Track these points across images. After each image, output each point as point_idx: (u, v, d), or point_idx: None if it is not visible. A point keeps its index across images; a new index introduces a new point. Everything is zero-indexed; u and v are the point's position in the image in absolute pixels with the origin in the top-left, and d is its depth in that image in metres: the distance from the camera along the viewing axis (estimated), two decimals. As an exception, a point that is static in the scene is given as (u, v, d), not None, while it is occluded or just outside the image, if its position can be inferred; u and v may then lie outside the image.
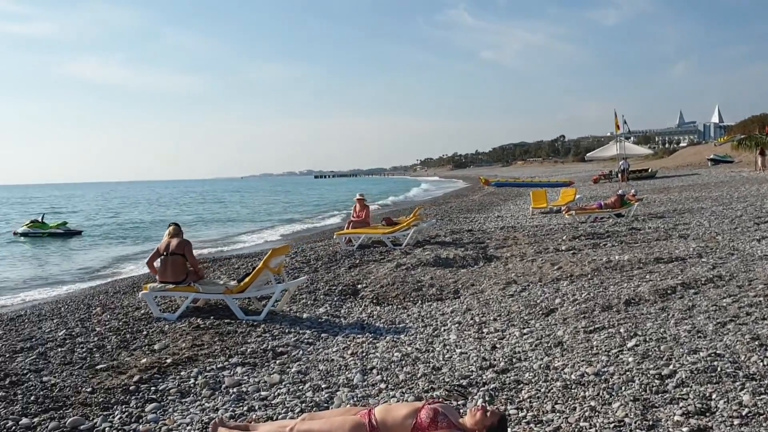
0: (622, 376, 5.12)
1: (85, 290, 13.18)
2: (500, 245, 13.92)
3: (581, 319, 7.17)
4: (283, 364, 6.27)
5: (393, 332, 7.54)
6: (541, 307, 7.94)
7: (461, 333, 7.21)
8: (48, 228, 29.25)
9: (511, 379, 5.35)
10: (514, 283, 9.63)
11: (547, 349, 6.18)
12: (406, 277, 10.53)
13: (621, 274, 9.60)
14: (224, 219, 39.42)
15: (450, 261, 11.96)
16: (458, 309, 8.45)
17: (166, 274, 8.51)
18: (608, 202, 18.76)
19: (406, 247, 13.97)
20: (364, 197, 15.82)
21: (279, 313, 8.59)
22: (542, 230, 16.50)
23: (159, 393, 5.46)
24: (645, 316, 6.99)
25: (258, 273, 8.18)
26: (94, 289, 13.24)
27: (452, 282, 10.06)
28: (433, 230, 17.62)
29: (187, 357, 6.40)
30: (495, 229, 17.70)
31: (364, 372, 5.91)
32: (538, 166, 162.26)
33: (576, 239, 14.07)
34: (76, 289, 13.83)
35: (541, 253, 12.52)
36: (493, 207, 29.07)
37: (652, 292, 7.99)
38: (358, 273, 11.36)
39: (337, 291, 9.97)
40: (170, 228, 8.88)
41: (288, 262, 12.82)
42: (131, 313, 8.72)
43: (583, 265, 10.43)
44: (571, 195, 24.62)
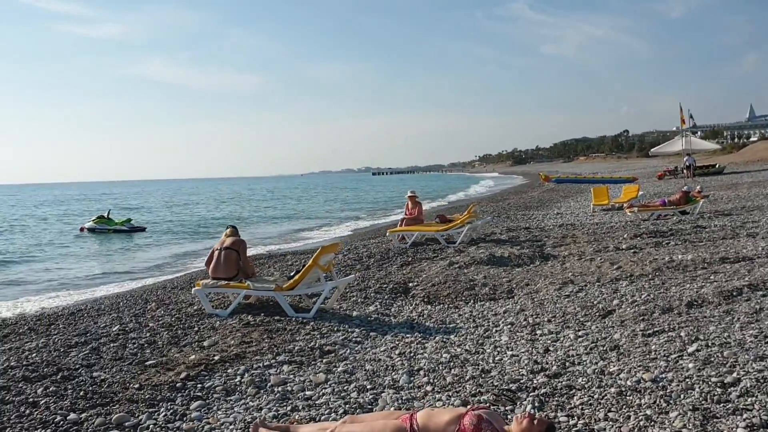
0: (681, 383, 4.84)
1: (146, 286, 13.41)
2: (558, 243, 13.57)
3: (640, 321, 6.87)
4: (329, 363, 6.20)
5: (443, 332, 7.39)
6: (598, 308, 7.65)
7: (513, 334, 7.00)
8: (113, 224, 30.04)
9: (563, 384, 5.13)
10: (570, 283, 9.34)
11: (602, 353, 5.93)
12: (458, 275, 10.34)
13: (684, 275, 9.20)
14: (287, 216, 39.78)
15: (504, 259, 11.71)
16: (511, 309, 8.24)
17: (218, 270, 8.57)
18: (672, 199, 18.11)
19: (460, 245, 13.76)
20: (415, 194, 15.66)
21: (329, 310, 8.54)
22: (602, 228, 16.03)
23: (205, 390, 5.45)
24: (708, 320, 6.64)
25: (307, 270, 8.15)
26: (154, 285, 13.46)
27: (506, 281, 9.83)
28: (489, 228, 17.34)
29: (234, 354, 6.39)
30: (553, 226, 17.31)
31: (411, 373, 5.78)
32: (600, 162, 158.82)
33: (637, 237, 13.61)
34: (136, 286, 14.10)
35: (601, 251, 12.14)
36: (552, 204, 28.51)
37: (716, 294, 7.60)
38: (409, 271, 11.23)
39: (387, 289, 9.86)
40: (228, 230, 9.00)
41: (340, 259, 12.79)
42: (184, 309, 8.81)
43: (643, 264, 10.05)
44: (633, 192, 23.94)
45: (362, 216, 36.49)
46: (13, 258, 20.98)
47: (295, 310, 8.32)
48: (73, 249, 23.57)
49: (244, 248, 8.71)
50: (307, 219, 36.12)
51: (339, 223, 32.06)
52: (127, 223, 30.79)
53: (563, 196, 33.60)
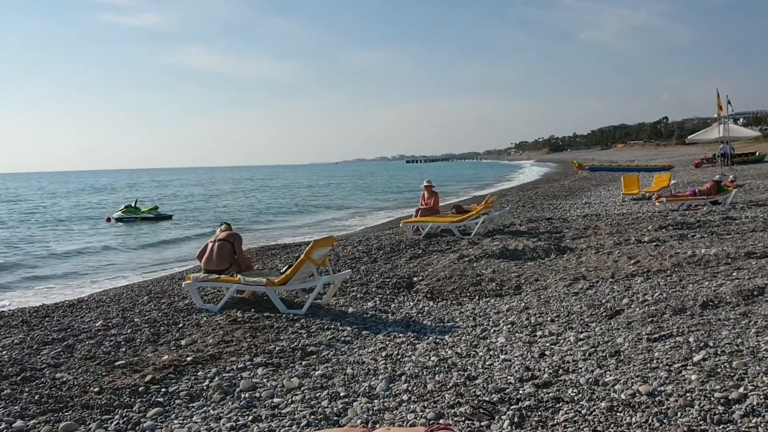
0: (680, 399, 4.33)
1: (159, 278, 13.16)
2: (578, 235, 12.99)
3: (648, 323, 6.34)
4: (309, 365, 5.81)
5: (438, 332, 6.95)
6: (606, 307, 7.12)
7: (511, 335, 6.53)
8: (140, 213, 30.20)
9: (550, 396, 4.66)
10: (582, 278, 8.80)
11: (600, 359, 5.43)
12: (465, 270, 9.87)
13: (704, 271, 8.60)
14: (319, 205, 39.48)
15: (518, 253, 11.19)
16: (515, 307, 7.76)
17: (211, 262, 8.26)
18: (703, 189, 17.32)
19: (475, 237, 13.25)
20: (432, 184, 15.16)
21: (324, 306, 8.17)
22: (628, 219, 15.37)
23: (168, 396, 5.11)
24: (722, 323, 6.08)
25: (299, 265, 7.76)
26: (164, 277, 13.24)
27: (515, 276, 9.33)
28: (508, 218, 16.78)
29: (209, 355, 6.04)
30: (577, 217, 16.68)
31: (392, 379, 5.36)
32: (638, 150, 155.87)
33: (662, 229, 12.95)
34: (152, 277, 13.90)
35: (621, 244, 11.54)
36: (582, 193, 27.76)
37: (735, 293, 7.01)
38: (417, 264, 10.79)
39: (390, 284, 9.45)
40: (222, 225, 8.74)
41: (349, 251, 12.41)
42: (176, 304, 8.51)
43: (663, 259, 9.46)
44: (665, 180, 23.08)
45: (389, 206, 36.07)
46: (38, 247, 21.11)
47: (288, 306, 7.97)
48: (102, 238, 23.55)
49: (239, 241, 8.39)
50: (340, 209, 35.75)
51: (372, 212, 31.68)
52: (154, 211, 30.92)
53: (594, 185, 32.76)
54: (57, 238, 24.16)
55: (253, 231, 24.12)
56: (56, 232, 26.71)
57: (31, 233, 25.98)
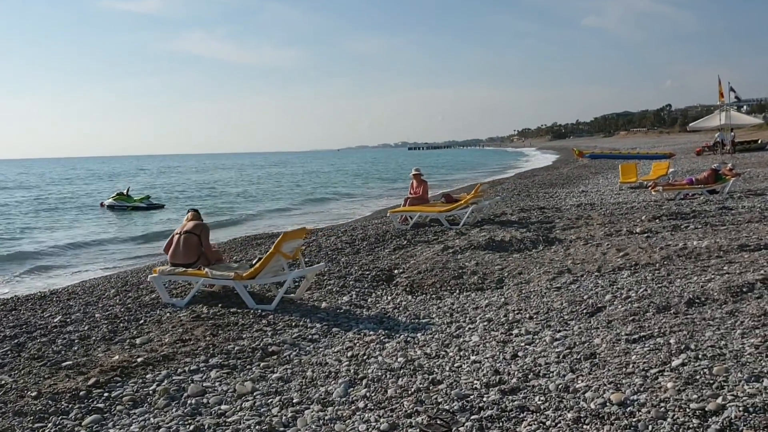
0: (654, 410, 3.98)
1: (138, 269, 12.84)
2: (569, 226, 12.62)
3: (629, 322, 5.99)
4: (267, 367, 5.48)
5: (411, 329, 6.62)
6: (588, 304, 6.77)
7: (486, 334, 6.20)
8: (132, 201, 29.80)
9: (515, 405, 4.31)
10: (567, 272, 8.45)
11: (574, 362, 5.09)
12: (448, 262, 9.52)
13: (694, 264, 8.24)
14: (317, 192, 39.13)
15: (505, 244, 10.83)
16: (495, 302, 7.42)
17: (177, 255, 7.92)
18: (700, 178, 16.91)
19: (463, 227, 12.89)
20: (420, 172, 14.77)
21: (297, 301, 7.84)
22: (622, 208, 14.99)
23: (110, 401, 4.77)
24: (706, 322, 5.73)
25: (269, 258, 7.42)
26: (143, 267, 12.92)
27: (498, 269, 8.98)
28: (500, 208, 16.41)
29: (163, 355, 5.70)
30: (571, 206, 16.31)
31: (352, 383, 5.03)
32: (641, 137, 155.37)
33: (656, 220, 12.58)
34: (134, 267, 13.59)
35: (612, 235, 11.18)
36: (580, 181, 27.36)
37: (723, 290, 6.65)
38: (399, 256, 10.45)
39: (370, 277, 9.11)
40: (189, 213, 8.34)
41: (332, 242, 12.07)
42: (142, 297, 8.18)
43: (652, 251, 9.09)
44: (663, 169, 22.70)
45: (387, 193, 35.71)
46: (30, 234, 20.85)
47: (259, 301, 7.64)
48: (90, 227, 23.22)
49: (206, 233, 8.03)
50: (338, 197, 35.39)
51: (369, 200, 31.32)
52: (146, 201, 30.53)
53: (593, 173, 32.33)
54: (47, 225, 23.86)
55: (243, 220, 23.78)
56: (47, 219, 26.41)
57: (23, 221, 25.64)
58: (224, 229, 20.25)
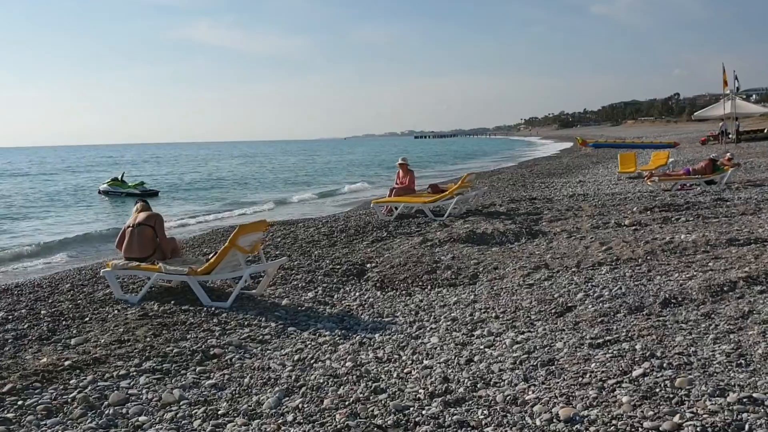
0: (603, 428, 3.59)
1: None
2: (557, 217, 12.19)
3: (596, 324, 5.59)
4: (204, 372, 5.10)
5: (371, 329, 6.24)
6: (557, 303, 6.37)
7: (448, 335, 5.81)
8: (126, 187, 29.59)
9: (455, 420, 3.92)
10: (544, 267, 8.04)
11: (530, 369, 4.69)
12: (424, 255, 9.11)
13: (678, 260, 7.82)
14: (314, 181, 38.72)
15: (486, 237, 10.41)
16: (464, 299, 7.03)
17: (131, 249, 7.54)
18: (697, 168, 16.42)
19: (447, 219, 12.48)
20: (407, 161, 14.34)
21: (257, 298, 7.45)
22: (615, 199, 14.55)
23: (22, 410, 4.40)
24: (679, 325, 5.32)
25: (224, 253, 7.02)
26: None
27: (474, 264, 8.58)
28: (489, 198, 15.98)
29: (95, 358, 5.33)
30: (564, 197, 15.86)
31: (289, 391, 4.64)
32: (648, 126, 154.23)
33: (647, 211, 12.14)
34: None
35: (599, 228, 10.76)
36: (579, 170, 26.89)
37: (702, 289, 6.24)
38: (375, 249, 10.05)
39: (340, 271, 8.72)
40: (138, 205, 7.91)
41: (310, 233, 11.68)
42: (96, 293, 7.79)
43: (636, 246, 8.67)
44: (663, 158, 22.20)
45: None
46: (19, 222, 20.61)
47: (217, 298, 7.26)
48: (81, 216, 22.90)
49: (161, 223, 7.64)
50: (334, 185, 34.97)
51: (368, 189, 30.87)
52: (140, 187, 30.29)
53: (595, 162, 31.85)
54: (39, 213, 23.60)
55: (235, 207, 23.39)
56: (42, 207, 26.17)
57: (17, 209, 25.34)
58: (216, 221, 19.85)
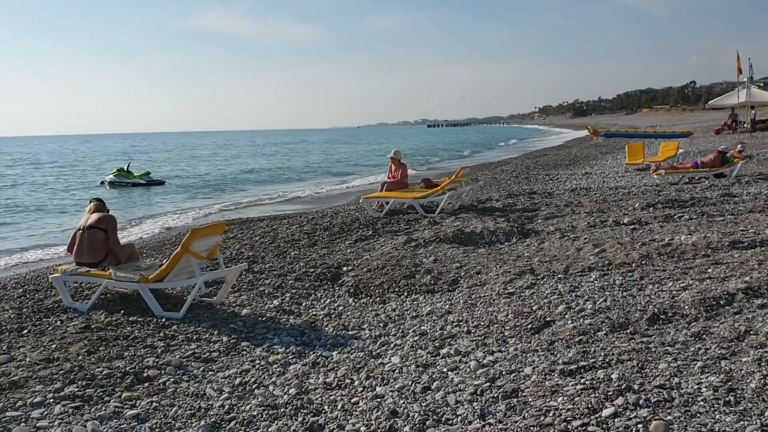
0: (556, 488, 3.02)
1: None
2: (553, 214, 11.56)
3: (573, 344, 4.99)
4: (130, 399, 4.56)
5: (330, 345, 5.70)
6: (536, 317, 5.77)
7: (411, 353, 5.26)
8: (132, 177, 29.27)
9: (390, 470, 3.37)
10: (530, 273, 7.43)
11: (489, 402, 4.11)
12: (404, 258, 8.53)
13: (675, 265, 7.19)
14: (323, 171, 38.09)
15: (474, 236, 9.81)
16: (438, 310, 6.46)
17: (81, 253, 7.02)
18: (706, 160, 15.66)
19: (438, 216, 11.88)
20: (399, 156, 13.72)
21: (216, 307, 6.92)
22: (618, 194, 13.88)
23: None
24: (665, 348, 4.70)
25: (176, 259, 6.47)
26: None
27: (456, 267, 7.98)
28: (486, 192, 15.35)
29: (12, 381, 4.79)
30: (565, 191, 15.20)
31: (215, 427, 4.10)
32: (664, 114, 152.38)
33: (650, 208, 11.49)
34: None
35: (596, 226, 10.13)
36: (587, 162, 26.12)
37: (696, 302, 5.61)
38: (355, 250, 9.47)
39: (313, 275, 8.17)
40: (91, 204, 7.36)
41: (291, 232, 11.11)
42: (46, 300, 7.27)
43: (632, 248, 8.04)
44: (672, 149, 21.38)
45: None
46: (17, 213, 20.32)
47: (173, 307, 6.73)
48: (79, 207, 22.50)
49: (114, 225, 7.08)
50: (342, 175, 34.35)
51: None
52: (146, 177, 29.97)
53: (604, 153, 31.02)
54: (38, 205, 23.28)
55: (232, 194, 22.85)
56: (42, 197, 25.90)
57: (17, 200, 24.98)
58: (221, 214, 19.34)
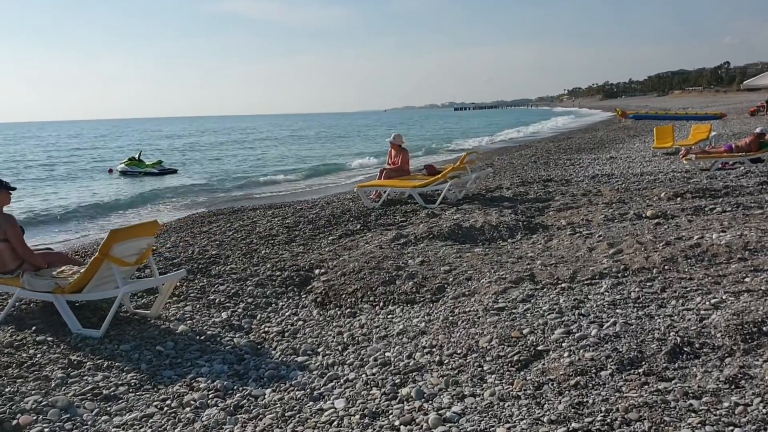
0: None
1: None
2: (567, 205, 10.27)
3: (567, 390, 3.79)
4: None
5: (267, 379, 4.59)
6: (526, 344, 4.56)
7: (361, 395, 4.11)
8: (144, 166, 28.47)
9: None
10: (528, 279, 6.20)
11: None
12: (387, 258, 7.34)
13: (705, 272, 5.91)
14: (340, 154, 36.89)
15: (473, 232, 8.59)
16: (411, 328, 5.30)
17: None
18: (741, 144, 14.18)
19: (438, 207, 10.66)
20: (399, 141, 12.45)
21: (150, 321, 5.83)
22: (643, 181, 12.53)
23: None
24: (687, 403, 3.47)
25: (94, 267, 5.36)
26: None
27: (444, 272, 6.77)
28: (497, 180, 14.06)
29: None
30: (584, 178, 13.86)
31: None
32: (696, 96, 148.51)
33: (677, 198, 10.16)
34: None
35: (614, 220, 8.85)
36: (613, 145, 24.64)
37: (732, 328, 4.35)
38: (337, 248, 8.32)
39: (279, 279, 7.05)
40: None
41: (271, 225, 9.97)
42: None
43: (654, 248, 6.76)
44: (704, 132, 19.91)
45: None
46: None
47: (99, 321, 5.65)
48: (82, 195, 21.65)
49: (16, 232, 5.86)
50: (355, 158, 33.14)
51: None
52: (158, 166, 29.11)
53: (631, 136, 29.44)
54: (46, 191, 22.61)
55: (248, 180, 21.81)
56: (52, 184, 25.29)
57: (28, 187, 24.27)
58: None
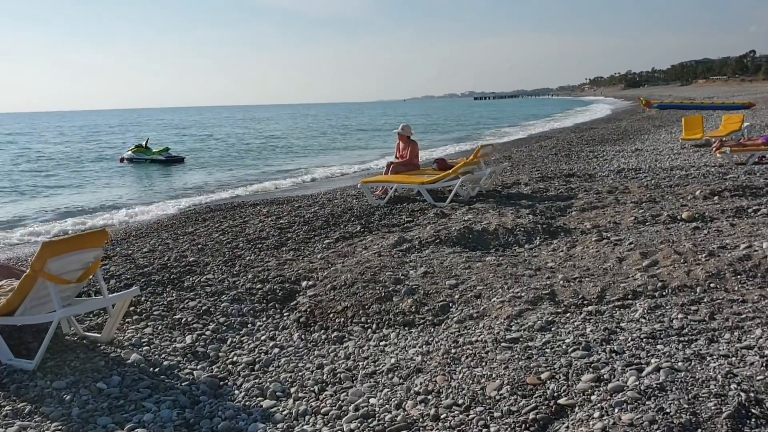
0: None
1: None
2: (592, 204, 9.27)
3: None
4: None
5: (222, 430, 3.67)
6: (544, 394, 3.60)
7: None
8: (151, 154, 27.90)
9: None
10: (548, 299, 5.24)
11: None
12: (384, 269, 6.40)
13: (759, 293, 4.91)
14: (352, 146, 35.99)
15: (486, 237, 7.62)
16: (404, 364, 4.38)
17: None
18: (782, 136, 13.09)
19: (449, 205, 9.69)
20: (408, 132, 11.46)
21: (102, 346, 4.95)
22: (674, 176, 11.48)
23: None
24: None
25: (26, 286, 4.48)
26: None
27: (449, 287, 5.83)
28: (514, 175, 13.05)
29: None
30: (610, 172, 12.82)
31: None
32: (721, 85, 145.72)
33: (714, 197, 9.12)
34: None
35: (646, 223, 7.85)
36: (638, 136, 23.47)
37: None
38: (330, 254, 7.40)
39: (260, 293, 6.14)
40: None
41: (261, 226, 9.06)
42: None
43: (695, 260, 5.78)
44: (736, 123, 18.69)
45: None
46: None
47: (38, 347, 4.79)
48: (87, 186, 20.96)
49: None
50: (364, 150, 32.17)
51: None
52: (165, 153, 28.44)
53: (657, 126, 28.22)
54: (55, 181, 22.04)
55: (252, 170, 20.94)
56: (60, 173, 24.73)
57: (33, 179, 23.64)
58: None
